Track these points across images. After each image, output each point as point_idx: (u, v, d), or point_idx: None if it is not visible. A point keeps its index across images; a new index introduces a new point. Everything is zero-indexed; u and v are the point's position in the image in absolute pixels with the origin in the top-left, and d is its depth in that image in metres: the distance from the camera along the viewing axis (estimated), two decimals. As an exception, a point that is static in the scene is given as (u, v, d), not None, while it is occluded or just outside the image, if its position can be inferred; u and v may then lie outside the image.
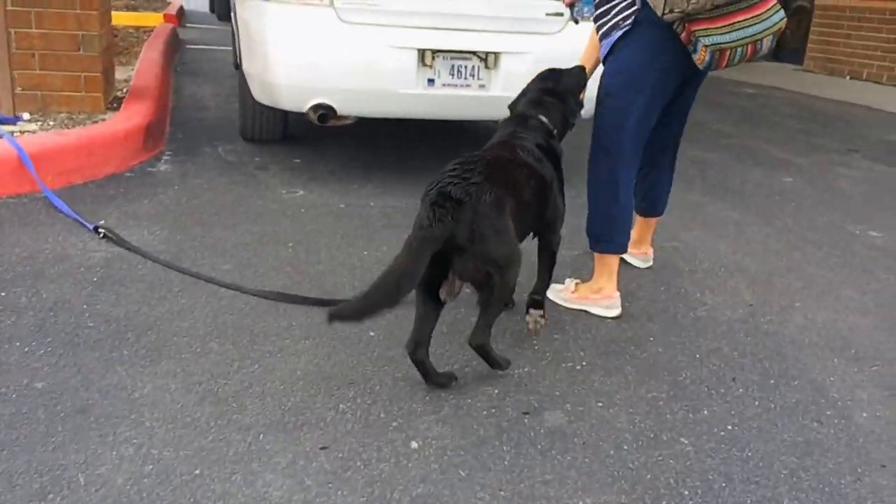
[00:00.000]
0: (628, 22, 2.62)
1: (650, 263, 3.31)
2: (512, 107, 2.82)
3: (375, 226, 3.56)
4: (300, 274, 2.98)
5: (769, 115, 7.24)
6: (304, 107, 3.95)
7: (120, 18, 10.40)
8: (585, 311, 2.82)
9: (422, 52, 3.89)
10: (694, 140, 5.43)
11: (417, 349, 2.23)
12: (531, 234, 2.56)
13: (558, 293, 2.89)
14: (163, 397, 2.12)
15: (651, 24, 2.55)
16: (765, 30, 2.48)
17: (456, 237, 2.11)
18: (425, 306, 2.23)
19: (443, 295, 2.23)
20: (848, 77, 10.66)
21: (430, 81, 3.97)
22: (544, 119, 2.66)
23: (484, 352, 2.31)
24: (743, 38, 2.46)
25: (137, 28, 9.14)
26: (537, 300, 2.61)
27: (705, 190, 4.57)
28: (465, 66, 4.00)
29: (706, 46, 2.46)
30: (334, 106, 3.94)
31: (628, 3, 2.62)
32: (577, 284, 2.90)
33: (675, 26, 2.50)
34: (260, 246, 3.21)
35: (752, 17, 2.47)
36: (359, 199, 3.92)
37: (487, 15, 3.96)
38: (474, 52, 3.98)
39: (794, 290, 3.18)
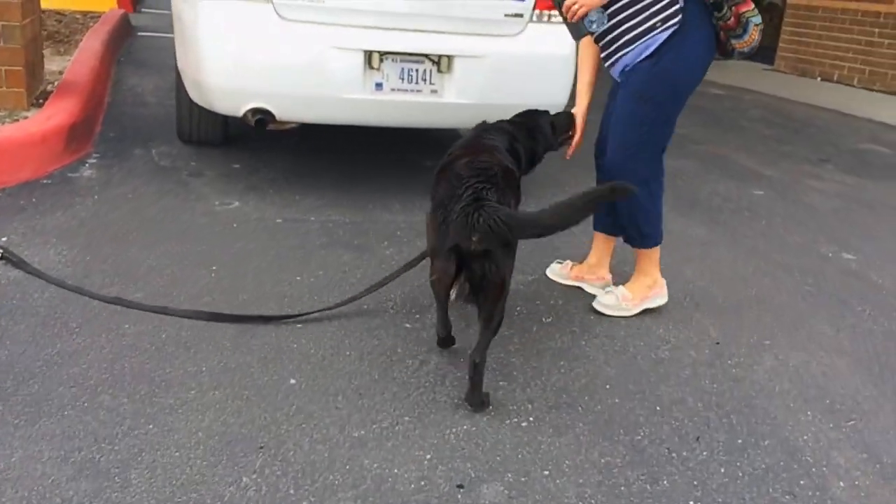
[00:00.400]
0: (673, 22, 2.55)
1: (611, 293, 2.98)
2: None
3: (313, 245, 3.25)
4: (219, 304, 2.66)
5: (738, 119, 7.02)
6: (239, 111, 3.61)
7: (66, 2, 9.92)
8: (536, 353, 2.56)
9: (368, 54, 3.57)
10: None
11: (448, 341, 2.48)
12: None
13: (620, 306, 2.86)
14: (32, 469, 1.81)
15: (700, 22, 2.56)
16: (761, 21, 2.61)
17: (471, 226, 2.06)
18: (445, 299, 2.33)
19: (452, 295, 2.25)
20: (819, 78, 10.50)
21: (378, 86, 3.65)
22: (509, 128, 2.79)
23: (479, 372, 2.18)
24: (761, 24, 2.59)
25: (86, 13, 8.67)
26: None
27: (672, 203, 4.29)
28: (417, 70, 3.69)
29: (757, 25, 2.56)
30: (272, 111, 3.61)
31: (667, 3, 2.55)
32: (627, 288, 2.89)
33: (723, 13, 2.55)
34: (179, 269, 2.89)
35: (754, 8, 2.61)
36: (298, 213, 3.60)
37: (441, 14, 3.65)
38: (426, 55, 3.67)
39: (763, 324, 2.93)
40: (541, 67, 3.89)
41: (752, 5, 2.59)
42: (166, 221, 3.33)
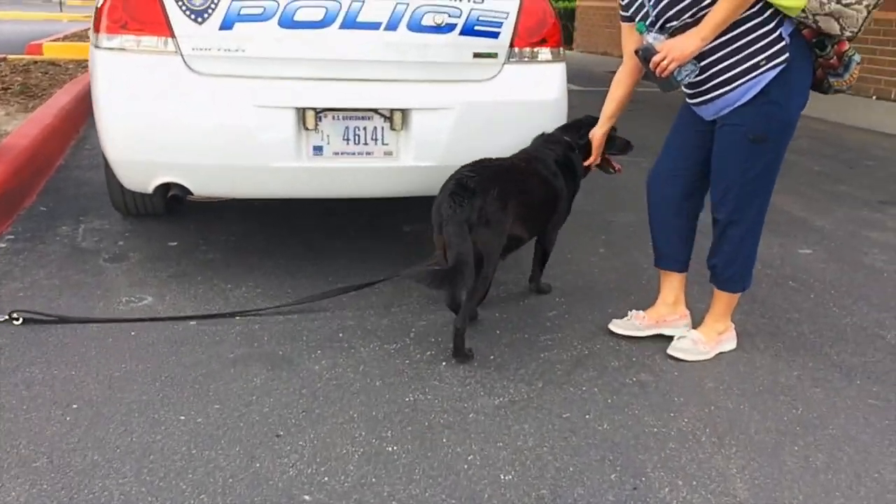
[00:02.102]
0: (782, 59, 2.42)
1: (689, 328, 2.87)
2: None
3: (223, 360, 2.56)
4: (41, 486, 1.97)
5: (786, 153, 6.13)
6: (148, 187, 2.97)
7: (62, 51, 9.57)
8: None
9: (301, 112, 2.90)
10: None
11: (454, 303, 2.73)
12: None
13: (696, 350, 2.74)
14: None
15: (802, 58, 2.47)
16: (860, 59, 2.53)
17: (469, 220, 2.52)
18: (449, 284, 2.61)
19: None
20: (874, 97, 9.51)
21: (317, 150, 2.97)
22: (568, 138, 3.05)
23: (459, 336, 2.61)
24: (860, 61, 2.53)
25: (81, 63, 8.25)
26: (535, 285, 3.22)
27: (694, 273, 3.51)
28: (365, 129, 3.00)
29: (858, 64, 2.50)
30: (187, 185, 2.95)
31: (772, 40, 2.42)
32: (700, 332, 2.78)
33: (826, 51, 2.48)
34: (23, 412, 2.21)
35: (851, 46, 2.52)
36: (223, 308, 2.91)
37: (391, 59, 2.96)
38: (375, 110, 2.98)
39: (813, 471, 2.13)
40: (522, 118, 3.17)
41: (848, 44, 2.50)
42: (49, 330, 2.68)
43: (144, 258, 3.37)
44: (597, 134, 3.02)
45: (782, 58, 2.42)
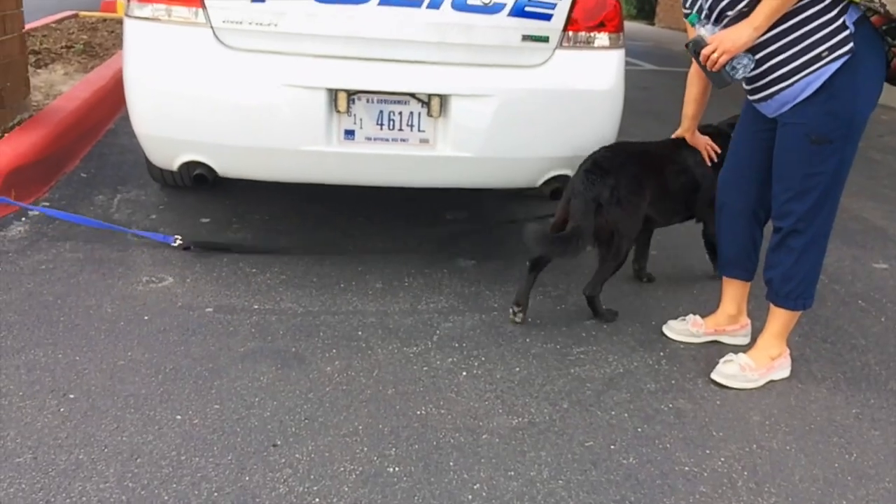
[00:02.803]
0: (845, 50, 2.19)
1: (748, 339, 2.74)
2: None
3: (233, 353, 2.44)
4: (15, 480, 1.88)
5: (867, 150, 5.68)
6: (173, 164, 2.87)
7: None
8: None
9: (333, 94, 2.73)
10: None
11: (533, 268, 2.78)
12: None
13: (744, 377, 2.48)
14: None
15: (871, 49, 2.23)
16: None
17: (600, 197, 2.62)
18: (553, 244, 2.70)
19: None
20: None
21: (349, 134, 2.80)
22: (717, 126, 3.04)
23: (593, 303, 2.78)
24: None
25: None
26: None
27: (756, 282, 3.24)
28: (400, 114, 2.82)
29: None
30: (212, 165, 2.83)
31: (834, 29, 2.18)
32: (750, 357, 2.51)
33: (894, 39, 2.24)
34: (14, 402, 2.13)
35: None
36: (241, 297, 2.80)
37: (431, 40, 2.75)
38: (412, 94, 2.79)
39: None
40: (573, 108, 2.93)
41: None
42: (56, 311, 2.60)
43: (172, 234, 3.27)
44: (685, 137, 2.93)
45: (846, 48, 2.19)
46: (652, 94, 7.88)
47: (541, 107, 2.87)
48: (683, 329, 2.76)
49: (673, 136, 2.97)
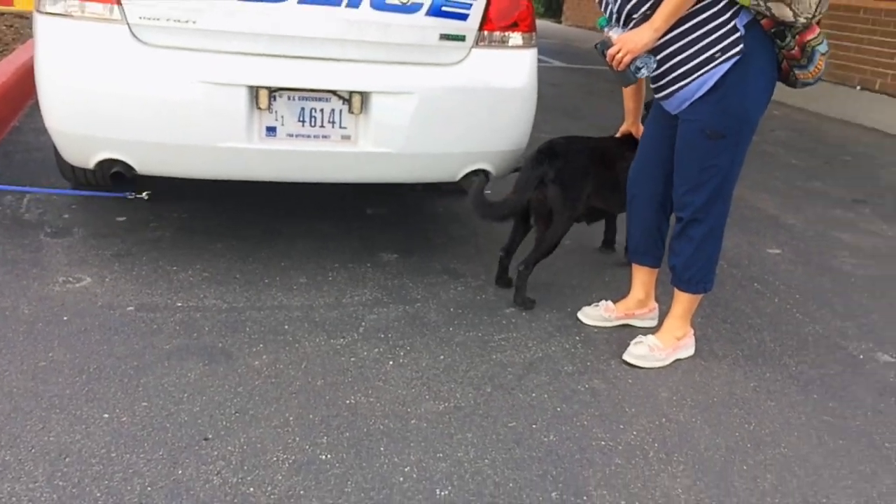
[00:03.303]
0: (735, 52, 2.34)
1: (656, 321, 2.90)
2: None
3: (158, 350, 2.44)
4: (-33, 471, 1.86)
5: (761, 143, 6.04)
6: (89, 163, 2.82)
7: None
8: None
9: (254, 91, 2.75)
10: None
11: (507, 255, 3.07)
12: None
13: (652, 357, 2.64)
14: None
15: (762, 50, 2.38)
16: (828, 49, 2.42)
17: (545, 175, 2.81)
18: (517, 227, 3.02)
19: (532, 220, 2.98)
20: (858, 87, 9.43)
21: (271, 130, 2.83)
22: None
23: (522, 280, 2.94)
24: (827, 52, 2.41)
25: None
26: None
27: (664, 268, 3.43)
28: (322, 111, 2.86)
29: (823, 55, 2.39)
30: (130, 163, 2.81)
31: (726, 31, 2.34)
32: (657, 338, 2.67)
33: (786, 42, 2.37)
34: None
35: (819, 34, 2.40)
36: (163, 295, 2.79)
37: (351, 38, 2.81)
38: (333, 92, 2.84)
39: (756, 500, 2.06)
40: (490, 105, 3.04)
41: (818, 32, 2.37)
42: (-23, 312, 2.54)
43: (88, 234, 3.23)
44: (632, 131, 3.05)
45: (736, 49, 2.34)
46: (562, 90, 8.12)
47: (458, 104, 2.97)
48: (597, 314, 2.90)
49: (619, 133, 3.10)
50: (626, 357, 2.65)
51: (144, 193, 3.22)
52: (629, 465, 2.12)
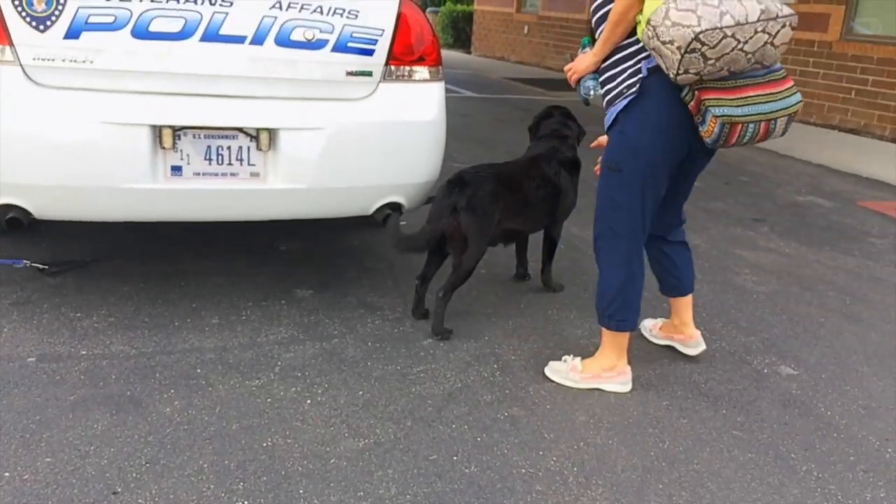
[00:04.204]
0: (633, 90, 2.41)
1: (703, 347, 2.93)
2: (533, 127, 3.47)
3: (60, 404, 2.33)
4: None
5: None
6: (-18, 208, 2.69)
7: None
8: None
9: (157, 130, 2.69)
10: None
11: (423, 284, 3.10)
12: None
13: (566, 375, 2.72)
14: None
15: (658, 92, 2.39)
16: (780, 109, 2.34)
17: (457, 204, 2.88)
18: (432, 256, 3.07)
19: (447, 248, 3.01)
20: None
21: (176, 170, 2.77)
22: (569, 133, 3.38)
23: (440, 307, 2.96)
24: (755, 115, 2.31)
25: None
26: (545, 280, 3.50)
27: (565, 295, 3.50)
28: (229, 148, 2.82)
29: (716, 117, 2.29)
30: (28, 208, 2.70)
31: (633, 71, 2.42)
32: (582, 362, 2.73)
33: (684, 94, 2.36)
34: None
35: (767, 94, 2.33)
36: (67, 343, 2.68)
37: (257, 76, 2.79)
38: (239, 129, 2.81)
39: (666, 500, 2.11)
40: (399, 138, 3.06)
41: (727, 94, 2.29)
42: None
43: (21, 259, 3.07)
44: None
45: (633, 90, 2.40)
46: (474, 120, 8.24)
47: (368, 138, 2.98)
48: (651, 328, 3.10)
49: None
50: (545, 369, 2.75)
51: (41, 265, 3.09)
52: (549, 491, 2.14)
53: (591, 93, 2.56)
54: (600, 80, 2.53)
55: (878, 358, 3.08)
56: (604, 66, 2.50)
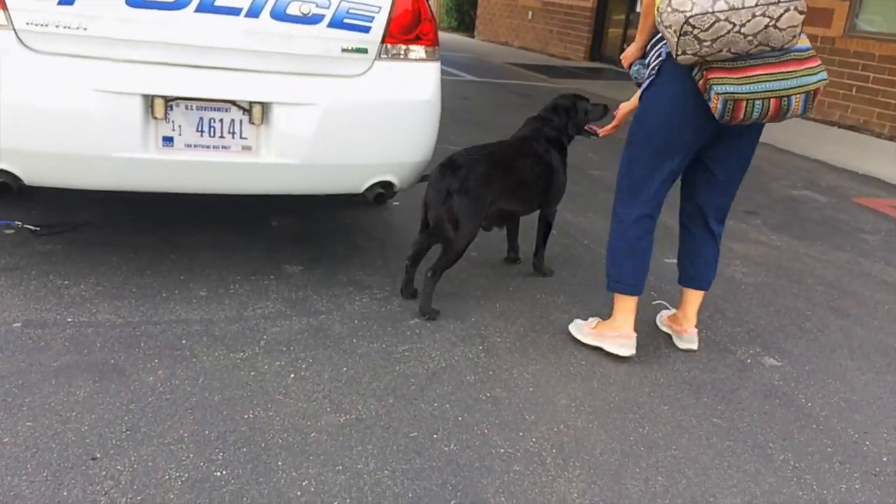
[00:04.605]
0: (654, 71, 2.62)
1: (693, 346, 2.96)
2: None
3: (43, 370, 2.34)
4: None
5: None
6: (-29, 173, 2.69)
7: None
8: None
9: (149, 100, 2.68)
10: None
11: (413, 264, 3.07)
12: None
13: (580, 329, 2.95)
14: None
15: (673, 74, 2.55)
16: (793, 87, 2.39)
17: (450, 186, 2.87)
18: (421, 236, 3.04)
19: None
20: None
21: (167, 140, 2.77)
22: (556, 119, 3.34)
23: (428, 286, 2.95)
24: (760, 92, 2.38)
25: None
26: (536, 264, 3.50)
27: (554, 283, 3.51)
28: (221, 121, 2.82)
29: (718, 94, 2.40)
30: (16, 173, 2.70)
31: (655, 55, 2.61)
32: (597, 322, 2.94)
33: (694, 73, 2.47)
34: None
35: (776, 73, 2.39)
36: (53, 310, 2.68)
37: (251, 48, 2.78)
38: (232, 102, 2.80)
39: (647, 501, 2.13)
40: (393, 117, 3.05)
41: (731, 74, 2.37)
42: None
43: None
44: (626, 107, 3.07)
45: (655, 70, 2.61)
46: (473, 104, 8.22)
47: (361, 115, 2.97)
48: (662, 317, 3.17)
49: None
50: (570, 325, 2.98)
51: (33, 226, 3.11)
52: (527, 471, 2.16)
53: (637, 75, 2.75)
54: (645, 62, 2.74)
55: (863, 352, 3.09)
56: (647, 52, 2.72)
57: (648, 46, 2.69)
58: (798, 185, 5.92)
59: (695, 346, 2.97)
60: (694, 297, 2.98)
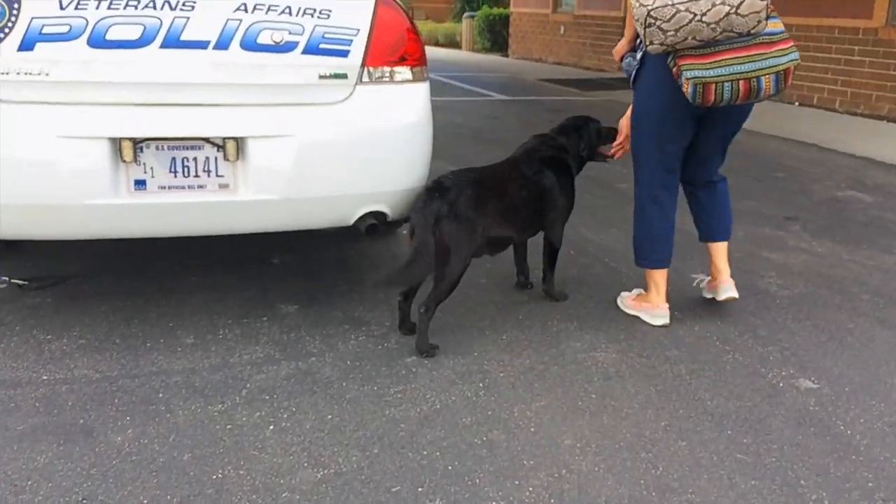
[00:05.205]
0: (636, 62, 2.86)
1: (732, 293, 3.07)
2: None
3: (10, 432, 2.23)
4: None
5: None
6: (-59, 229, 2.61)
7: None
8: None
9: (117, 143, 2.57)
10: (586, 190, 4.15)
11: (405, 300, 2.90)
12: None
13: (623, 300, 3.21)
14: None
15: (652, 63, 2.78)
16: (762, 69, 2.54)
17: (439, 211, 2.70)
18: (408, 268, 2.75)
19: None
20: (797, 103, 9.52)
21: (140, 184, 2.65)
22: (557, 137, 3.20)
23: (423, 323, 2.75)
24: (727, 75, 2.54)
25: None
26: (546, 290, 3.30)
27: (569, 304, 3.28)
28: (195, 159, 2.69)
29: (688, 79, 2.57)
30: (-14, 227, 2.60)
31: (641, 44, 2.77)
32: (638, 294, 3.19)
33: (668, 61, 2.65)
34: None
35: (743, 56, 2.55)
36: (29, 368, 2.58)
37: (222, 82, 2.65)
38: (205, 139, 2.67)
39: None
40: (380, 144, 2.89)
41: (699, 59, 2.56)
42: None
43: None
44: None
45: (636, 62, 2.86)
46: (500, 123, 8.03)
47: (344, 144, 2.81)
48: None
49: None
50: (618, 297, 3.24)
51: (20, 280, 3.05)
52: (520, 527, 1.93)
53: (627, 67, 2.93)
54: (635, 55, 2.91)
55: (912, 368, 2.78)
56: (637, 45, 2.88)
57: (638, 40, 2.83)
58: (842, 184, 5.55)
59: (735, 294, 3.07)
60: (718, 250, 3.16)
